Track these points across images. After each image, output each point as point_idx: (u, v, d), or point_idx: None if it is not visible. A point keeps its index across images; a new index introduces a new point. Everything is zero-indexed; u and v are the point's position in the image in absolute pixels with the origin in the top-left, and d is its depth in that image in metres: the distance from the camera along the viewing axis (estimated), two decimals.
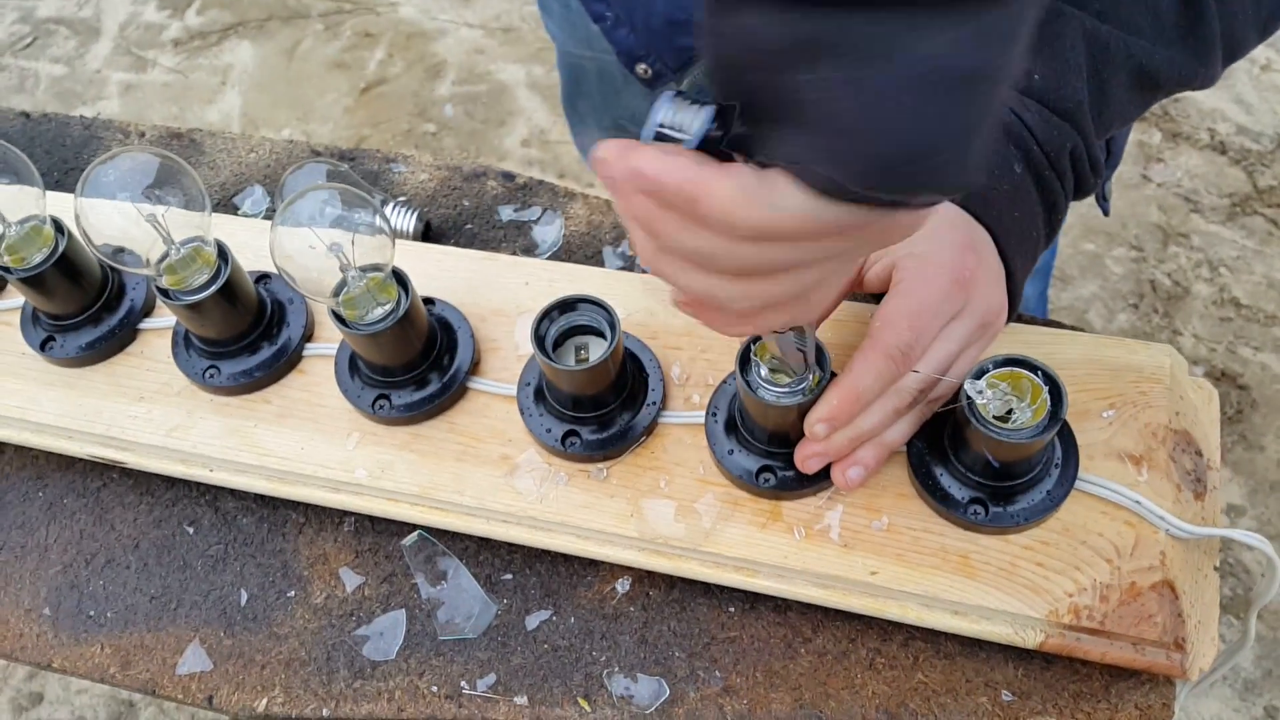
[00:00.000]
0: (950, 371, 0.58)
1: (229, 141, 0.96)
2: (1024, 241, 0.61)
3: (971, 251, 0.58)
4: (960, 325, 0.58)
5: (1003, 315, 0.60)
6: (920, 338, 0.56)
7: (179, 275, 0.68)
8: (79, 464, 0.77)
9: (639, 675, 0.63)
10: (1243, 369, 1.77)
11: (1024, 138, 0.61)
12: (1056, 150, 0.61)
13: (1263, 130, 2.07)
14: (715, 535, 0.62)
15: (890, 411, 0.59)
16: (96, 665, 0.68)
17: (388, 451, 0.68)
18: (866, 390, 0.56)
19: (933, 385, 0.59)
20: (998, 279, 0.59)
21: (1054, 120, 0.61)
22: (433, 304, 0.73)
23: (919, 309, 0.56)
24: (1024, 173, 0.60)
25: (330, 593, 0.69)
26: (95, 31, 2.74)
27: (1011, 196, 0.60)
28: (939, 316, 0.57)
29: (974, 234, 0.59)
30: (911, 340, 0.56)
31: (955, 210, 0.59)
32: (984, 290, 0.58)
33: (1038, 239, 0.62)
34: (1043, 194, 0.62)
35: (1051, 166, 0.61)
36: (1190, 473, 0.62)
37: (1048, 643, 0.58)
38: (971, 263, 0.57)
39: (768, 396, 0.58)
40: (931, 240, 0.58)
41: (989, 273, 0.59)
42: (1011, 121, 0.61)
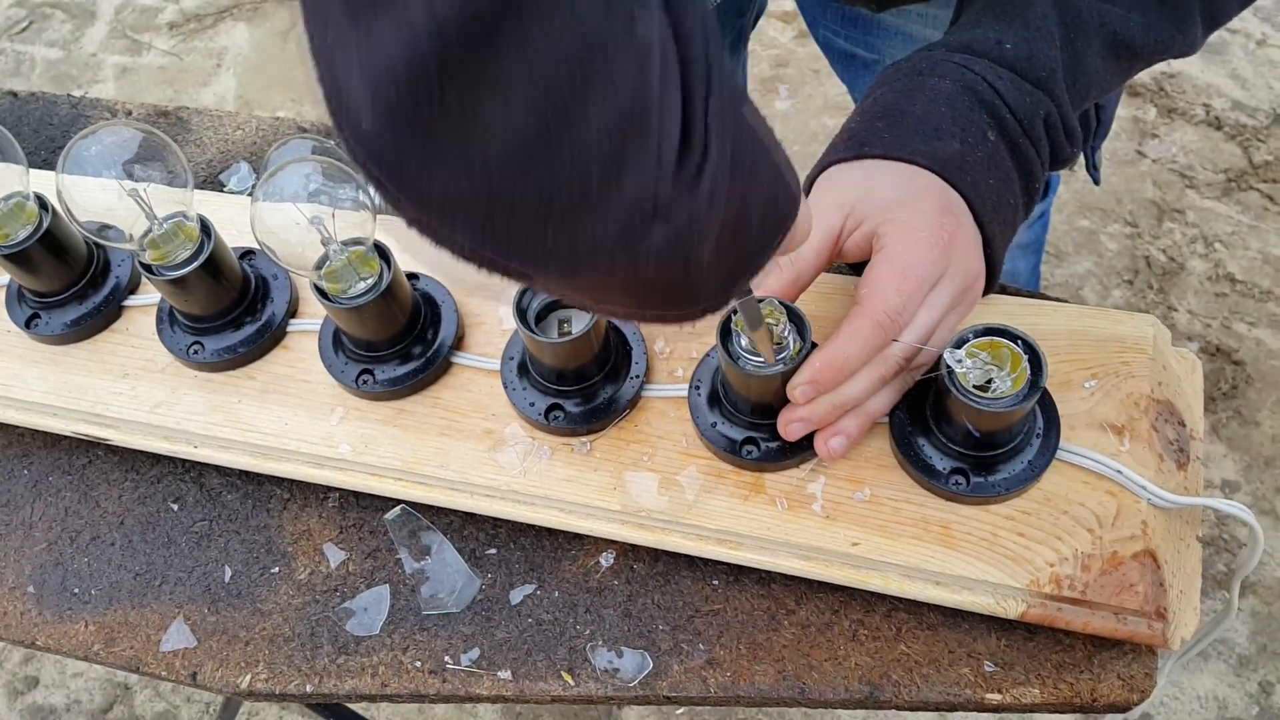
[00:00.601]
0: (933, 339, 0.58)
1: (215, 119, 0.95)
2: (1000, 208, 0.60)
3: (950, 214, 0.58)
4: (942, 291, 0.58)
5: (981, 281, 0.60)
6: (908, 303, 0.56)
7: (162, 250, 0.68)
8: (64, 441, 0.77)
9: (623, 649, 0.64)
10: (1238, 344, 1.77)
11: (996, 105, 0.60)
12: (1030, 117, 0.61)
13: (1258, 105, 2.06)
14: (698, 507, 0.62)
15: (875, 380, 0.58)
16: (80, 643, 0.68)
17: (371, 427, 0.68)
18: (851, 357, 0.56)
19: (916, 353, 0.59)
20: (974, 245, 0.59)
21: (1026, 88, 0.60)
22: (417, 278, 0.72)
23: (905, 273, 0.56)
24: (997, 140, 0.60)
25: (314, 568, 0.69)
26: (91, 15, 2.72)
27: (985, 163, 0.60)
28: (925, 282, 0.57)
29: (949, 199, 0.59)
30: (899, 306, 0.56)
31: (930, 177, 0.59)
32: (963, 255, 0.58)
33: (1015, 207, 0.62)
34: (1018, 161, 0.61)
35: (1025, 134, 0.61)
36: (1173, 443, 0.61)
37: (1029, 613, 0.58)
38: (951, 225, 0.57)
39: (749, 367, 0.58)
40: (908, 206, 0.58)
41: (967, 238, 0.58)
42: (984, 89, 0.61)
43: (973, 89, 0.61)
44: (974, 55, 0.62)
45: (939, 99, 0.61)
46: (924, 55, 0.65)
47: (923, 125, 0.61)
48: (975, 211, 0.59)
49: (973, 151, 0.59)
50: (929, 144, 0.60)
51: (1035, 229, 1.28)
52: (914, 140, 0.61)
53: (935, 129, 0.60)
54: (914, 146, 0.60)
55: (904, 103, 0.63)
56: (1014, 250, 1.29)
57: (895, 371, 0.59)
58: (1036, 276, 1.38)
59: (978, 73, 0.61)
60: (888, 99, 0.64)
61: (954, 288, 0.58)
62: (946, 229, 0.57)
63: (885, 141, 0.61)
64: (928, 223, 0.57)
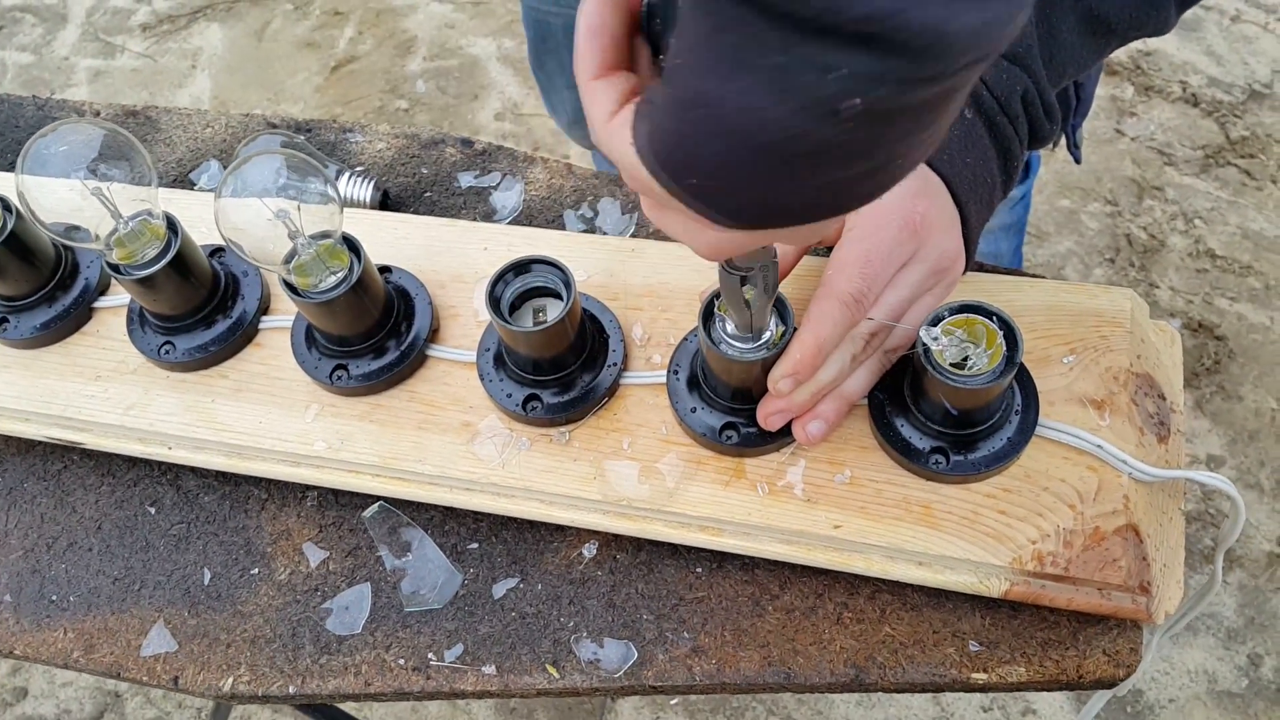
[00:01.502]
0: (906, 319, 0.58)
1: (184, 117, 0.94)
2: (978, 187, 0.60)
3: (923, 197, 0.57)
4: (912, 271, 0.57)
5: (959, 262, 0.60)
6: (872, 284, 0.55)
7: (128, 249, 0.67)
8: (38, 447, 0.76)
9: (607, 640, 0.63)
10: (1219, 320, 1.77)
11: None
12: (1007, 94, 0.60)
13: (1234, 82, 2.06)
14: (679, 495, 0.62)
15: (847, 360, 0.58)
16: (60, 650, 0.67)
17: (347, 423, 0.67)
18: (826, 341, 0.56)
19: (887, 333, 0.58)
20: (951, 225, 0.59)
21: (1003, 64, 0.60)
22: (389, 272, 0.72)
23: (869, 255, 0.56)
24: (974, 118, 0.60)
25: (294, 568, 0.68)
26: (62, 18, 2.69)
27: (963, 142, 0.59)
28: (890, 262, 0.56)
29: (925, 180, 0.58)
30: (863, 287, 0.55)
31: None
32: (937, 236, 0.57)
33: (993, 185, 0.61)
34: (995, 139, 0.61)
35: (1003, 111, 0.60)
36: (1153, 416, 0.61)
37: (1012, 590, 0.57)
38: (922, 208, 0.57)
39: (730, 352, 0.57)
40: None
41: (942, 218, 0.58)
42: None
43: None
44: None
45: None
46: None
47: None
48: (952, 190, 0.59)
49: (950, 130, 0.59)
50: None
51: (1017, 210, 1.27)
52: None
53: None
54: None
55: None
56: (996, 232, 1.28)
57: (864, 349, 0.58)
58: (1019, 258, 1.38)
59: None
60: None
61: (925, 268, 0.58)
62: (918, 210, 0.57)
63: None
64: (897, 205, 0.56)
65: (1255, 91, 2.05)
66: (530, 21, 1.16)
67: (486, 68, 2.38)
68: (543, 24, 1.13)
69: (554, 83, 1.21)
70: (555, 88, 1.22)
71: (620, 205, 0.81)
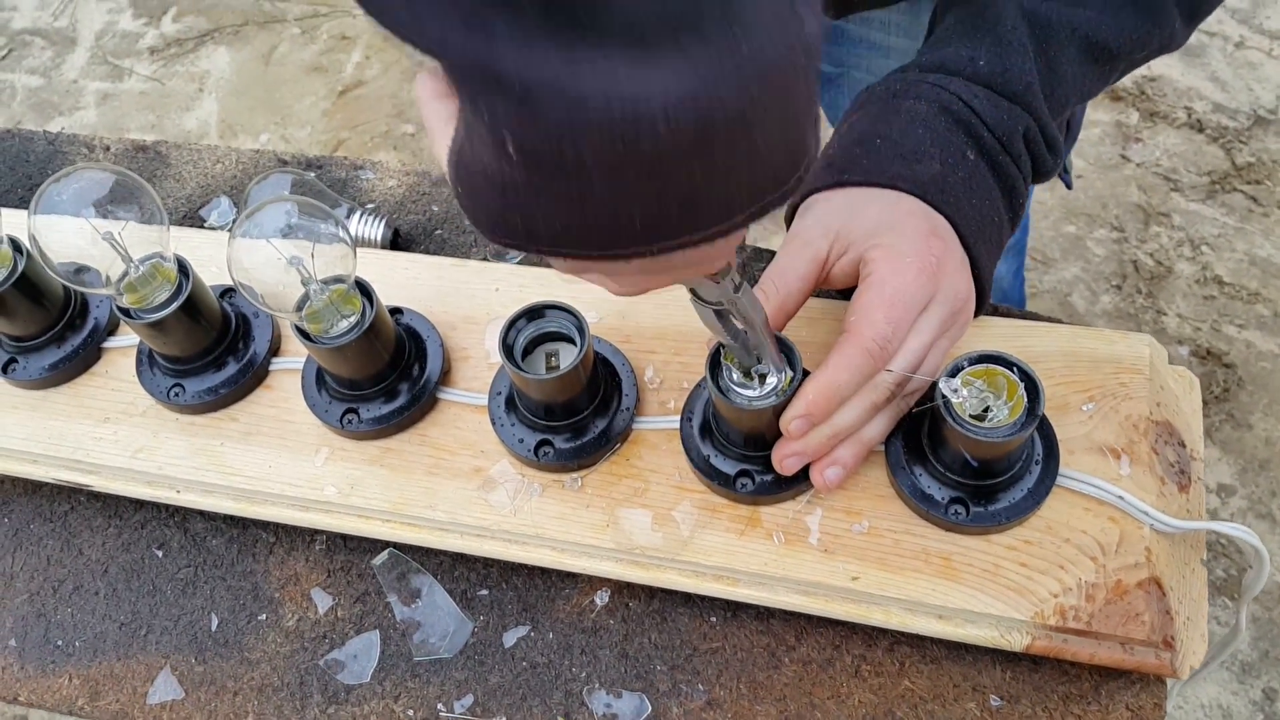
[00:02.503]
0: (924, 363, 0.57)
1: (195, 153, 0.94)
2: (985, 227, 0.59)
3: (936, 239, 0.57)
4: (931, 315, 0.57)
5: (971, 303, 0.59)
6: (897, 330, 0.55)
7: (139, 293, 0.66)
8: (45, 488, 0.75)
9: (620, 691, 0.62)
10: (1228, 347, 1.77)
11: (973, 123, 0.60)
12: (1008, 134, 0.60)
13: (1239, 107, 2.06)
14: (694, 543, 0.61)
15: (867, 407, 0.57)
16: (65, 697, 0.67)
17: (357, 467, 0.67)
18: (843, 385, 0.55)
19: (909, 380, 0.58)
20: (962, 266, 0.58)
21: (1003, 104, 0.60)
22: (400, 313, 0.71)
23: (893, 300, 0.55)
24: (977, 159, 0.59)
25: (302, 615, 0.67)
26: (71, 42, 2.71)
27: (967, 184, 0.59)
28: (913, 307, 0.56)
29: (935, 222, 0.58)
30: (889, 333, 0.55)
31: (913, 201, 0.58)
32: (951, 278, 0.57)
33: (1000, 224, 0.61)
34: (1000, 179, 0.60)
35: (1005, 150, 0.60)
36: (1174, 464, 0.60)
37: (1034, 645, 0.56)
38: (938, 250, 0.56)
39: (739, 401, 0.56)
40: (895, 231, 0.57)
41: (955, 260, 0.58)
42: (959, 108, 0.60)
43: (949, 109, 0.60)
44: (948, 74, 0.61)
45: (916, 121, 0.60)
46: (898, 77, 0.64)
47: (901, 149, 0.60)
48: (960, 233, 0.58)
49: (953, 172, 0.59)
50: (909, 167, 0.59)
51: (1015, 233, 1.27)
52: (894, 164, 0.60)
53: (914, 152, 0.59)
54: (894, 170, 0.59)
55: (881, 127, 0.62)
56: None
57: (887, 398, 0.58)
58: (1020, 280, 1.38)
59: (953, 92, 0.60)
60: (864, 124, 0.63)
61: (943, 311, 0.57)
62: (934, 253, 0.56)
63: (864, 168, 0.61)
64: (914, 247, 0.56)
65: (1260, 117, 2.05)
66: None
67: None
68: None
69: None
70: None
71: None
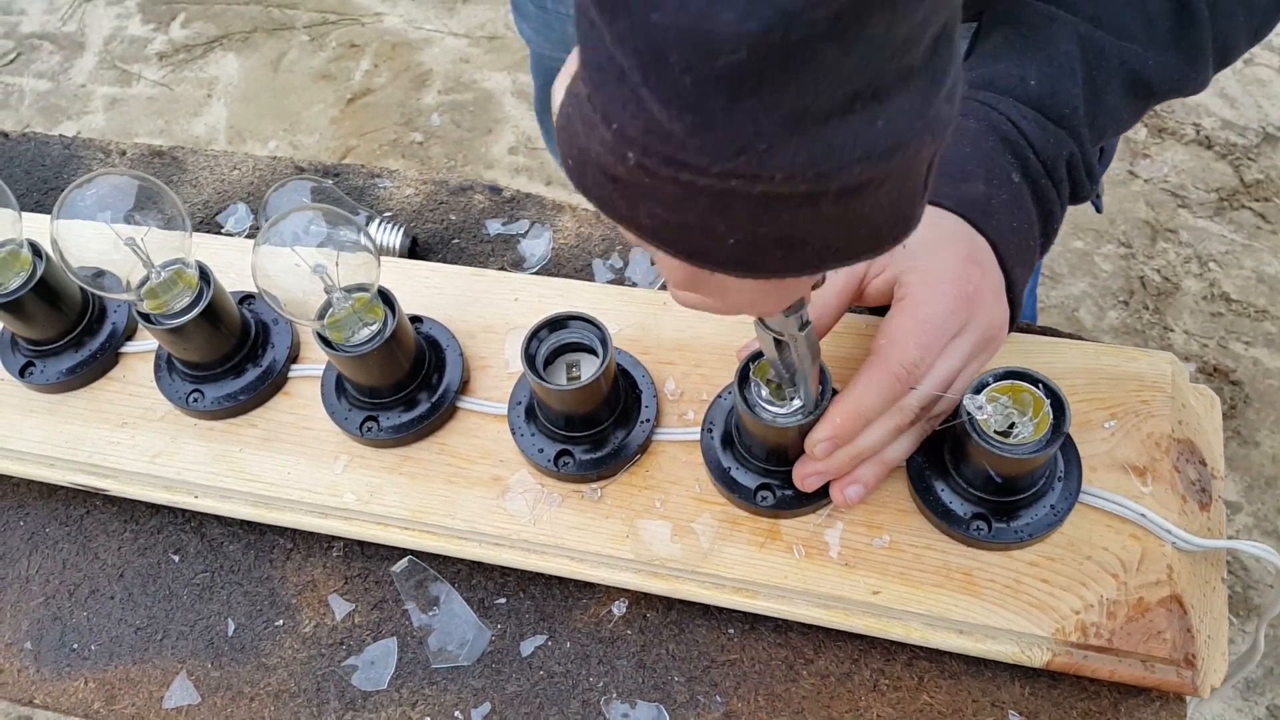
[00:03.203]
0: (952, 388, 0.57)
1: (211, 159, 0.94)
2: (1022, 251, 0.59)
3: (975, 265, 0.57)
4: (963, 341, 0.57)
5: (1004, 329, 0.59)
6: (926, 355, 0.55)
7: (160, 299, 0.66)
8: (61, 492, 0.75)
9: (637, 701, 0.62)
10: (1235, 364, 1.77)
11: (1020, 145, 0.60)
12: (1053, 159, 0.60)
13: (1248, 124, 2.07)
14: (713, 555, 0.61)
15: (891, 429, 0.57)
16: (80, 701, 0.66)
17: (376, 475, 0.67)
18: (869, 409, 0.55)
19: (934, 403, 0.58)
20: (999, 291, 0.58)
21: (1051, 128, 0.60)
22: (420, 322, 0.71)
23: (925, 326, 0.55)
24: (1021, 181, 0.59)
25: (319, 621, 0.67)
26: (80, 46, 2.71)
27: (1010, 206, 0.59)
28: (944, 333, 0.55)
29: (975, 246, 0.58)
30: (918, 359, 0.54)
31: (956, 222, 0.58)
32: (988, 305, 0.57)
33: (1034, 248, 0.61)
34: (1039, 203, 0.60)
35: (1048, 175, 0.60)
36: (1195, 483, 0.60)
37: (1054, 661, 0.56)
38: (976, 277, 0.56)
39: (766, 416, 0.57)
40: (933, 254, 0.57)
41: (991, 286, 0.57)
42: (1008, 130, 0.60)
43: (997, 129, 0.60)
44: (998, 93, 0.61)
45: (964, 139, 0.60)
46: None
47: (948, 167, 0.60)
48: (1000, 254, 0.58)
49: (998, 194, 0.59)
50: (955, 186, 0.59)
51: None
52: (940, 182, 0.60)
53: (961, 171, 0.59)
54: (940, 189, 0.59)
55: None
56: None
57: (911, 421, 0.58)
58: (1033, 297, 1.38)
59: (1002, 112, 0.60)
60: None
61: (975, 338, 0.57)
62: (971, 280, 0.56)
63: None
64: (951, 273, 0.56)
65: (1269, 134, 2.05)
66: (539, 69, 1.17)
67: (501, 102, 2.39)
68: (551, 71, 1.14)
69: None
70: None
71: (650, 256, 0.80)
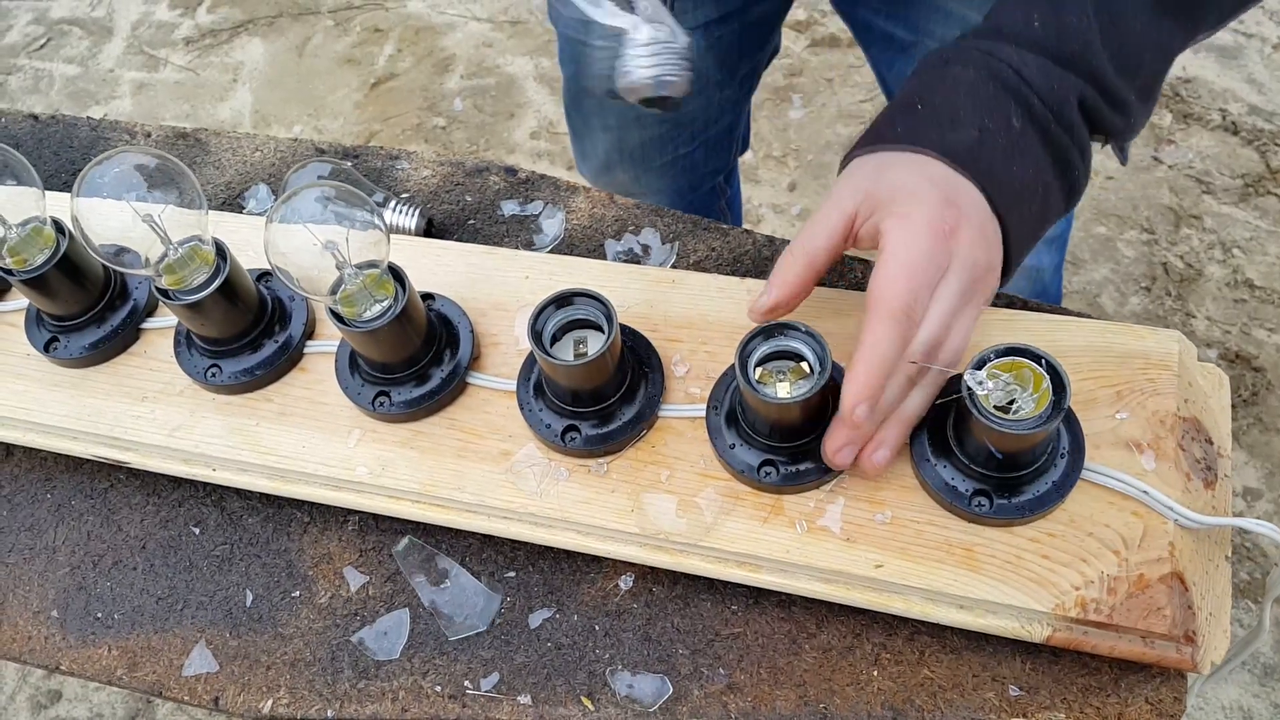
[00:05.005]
0: (951, 334, 0.57)
1: (234, 140, 0.96)
2: (1024, 197, 0.59)
3: (951, 206, 0.57)
4: (951, 283, 0.57)
5: (992, 274, 0.59)
6: (919, 295, 0.56)
7: (178, 275, 0.68)
8: (86, 465, 0.77)
9: (642, 673, 0.63)
10: (1257, 351, 1.75)
11: (1022, 91, 0.59)
12: (1060, 103, 0.59)
13: (1275, 110, 2.04)
14: (717, 530, 0.62)
15: (904, 381, 0.58)
16: (104, 667, 0.68)
17: (388, 449, 0.68)
18: (886, 357, 0.55)
19: (938, 350, 0.58)
20: (982, 236, 0.58)
21: (1056, 71, 0.59)
22: (432, 299, 0.72)
23: (909, 268, 0.56)
24: (1024, 126, 0.59)
25: (335, 592, 0.69)
26: (108, 31, 2.75)
27: (1007, 151, 0.59)
28: (929, 274, 0.56)
29: (956, 189, 0.58)
30: (911, 300, 0.55)
31: (940, 168, 0.59)
32: (969, 246, 0.57)
33: (1046, 193, 0.60)
34: (1051, 148, 0.60)
35: (1057, 120, 0.60)
36: (1200, 461, 0.61)
37: (1054, 637, 0.57)
38: (952, 218, 0.57)
39: (768, 393, 0.57)
40: (915, 199, 0.58)
41: (972, 228, 0.58)
42: (1008, 75, 0.60)
43: (998, 75, 0.60)
44: (1001, 40, 0.61)
45: (959, 87, 0.60)
46: (954, 44, 0.64)
47: (939, 115, 0.60)
48: (992, 201, 0.58)
49: (993, 139, 0.59)
50: (942, 134, 0.59)
51: (1060, 223, 1.26)
52: (929, 130, 0.60)
53: (952, 119, 0.60)
54: (928, 136, 0.60)
55: (926, 93, 0.62)
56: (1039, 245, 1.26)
57: (919, 370, 0.58)
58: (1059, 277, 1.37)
59: (1002, 59, 0.60)
60: (912, 89, 0.63)
61: (962, 280, 0.57)
62: (947, 221, 0.57)
63: (900, 132, 0.61)
64: (928, 214, 0.56)
65: None
66: (569, 54, 1.14)
67: (523, 86, 2.40)
68: (582, 55, 1.11)
69: (589, 124, 1.19)
70: (590, 129, 1.19)
71: (661, 235, 0.81)
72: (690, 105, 1.12)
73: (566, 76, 1.16)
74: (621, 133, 1.16)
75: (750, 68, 1.16)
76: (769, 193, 2.11)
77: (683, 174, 1.24)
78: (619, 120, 1.15)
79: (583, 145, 1.23)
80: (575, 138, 1.24)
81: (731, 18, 1.06)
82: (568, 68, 1.15)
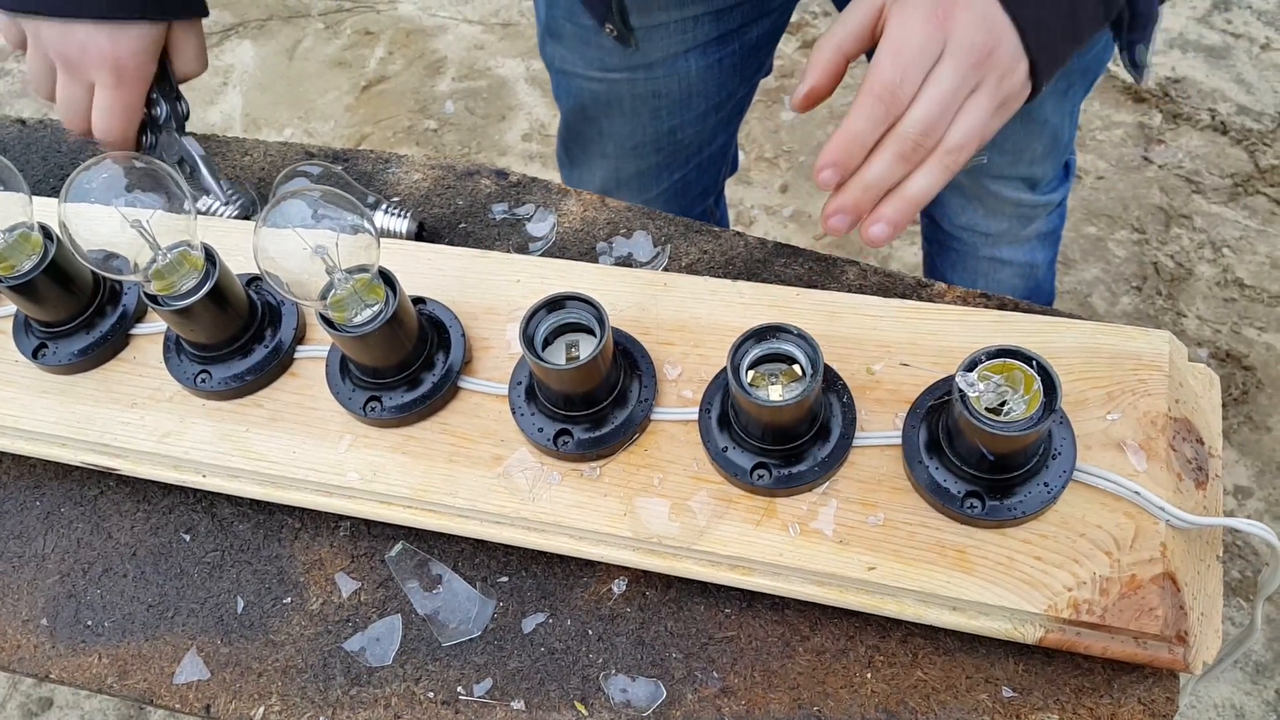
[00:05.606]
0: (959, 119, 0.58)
1: (223, 145, 0.95)
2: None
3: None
4: (949, 64, 0.58)
5: (994, 54, 0.59)
6: (905, 74, 0.57)
7: (167, 280, 0.67)
8: (76, 472, 0.77)
9: (636, 677, 0.63)
10: (1247, 350, 1.76)
11: None
12: None
13: (1263, 110, 2.05)
14: (710, 533, 0.62)
15: (893, 157, 0.59)
16: (94, 675, 0.68)
17: (380, 454, 0.68)
18: (861, 133, 0.58)
19: (937, 131, 0.59)
20: (982, 18, 0.58)
21: None
22: (423, 303, 0.72)
23: (897, 48, 0.57)
24: None
25: (326, 598, 0.69)
26: None
27: None
28: (921, 54, 0.58)
29: None
30: (895, 79, 0.57)
31: None
32: (963, 27, 0.58)
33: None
34: None
35: None
36: (1191, 461, 0.61)
37: (1047, 638, 0.57)
38: (948, 2, 0.58)
39: (760, 396, 0.57)
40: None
41: (970, 11, 0.58)
42: None
43: None
44: None
45: None
46: None
47: None
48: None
49: None
50: None
51: (1052, 219, 1.26)
52: None
53: None
54: None
55: None
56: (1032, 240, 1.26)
57: (913, 148, 0.59)
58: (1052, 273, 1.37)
59: None
60: None
61: (961, 61, 0.58)
62: (942, 4, 0.58)
63: None
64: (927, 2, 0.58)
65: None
66: (566, 92, 1.13)
67: (515, 89, 2.39)
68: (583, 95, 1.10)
69: (588, 151, 1.18)
70: (588, 156, 1.19)
71: (653, 238, 0.81)
72: (686, 128, 1.13)
73: (566, 114, 1.16)
74: (619, 161, 1.17)
75: (746, 90, 1.17)
76: (761, 194, 2.12)
77: (675, 199, 1.24)
78: (616, 149, 1.15)
79: (579, 175, 1.23)
80: (571, 167, 1.23)
81: (730, 39, 1.06)
82: (567, 102, 1.15)
